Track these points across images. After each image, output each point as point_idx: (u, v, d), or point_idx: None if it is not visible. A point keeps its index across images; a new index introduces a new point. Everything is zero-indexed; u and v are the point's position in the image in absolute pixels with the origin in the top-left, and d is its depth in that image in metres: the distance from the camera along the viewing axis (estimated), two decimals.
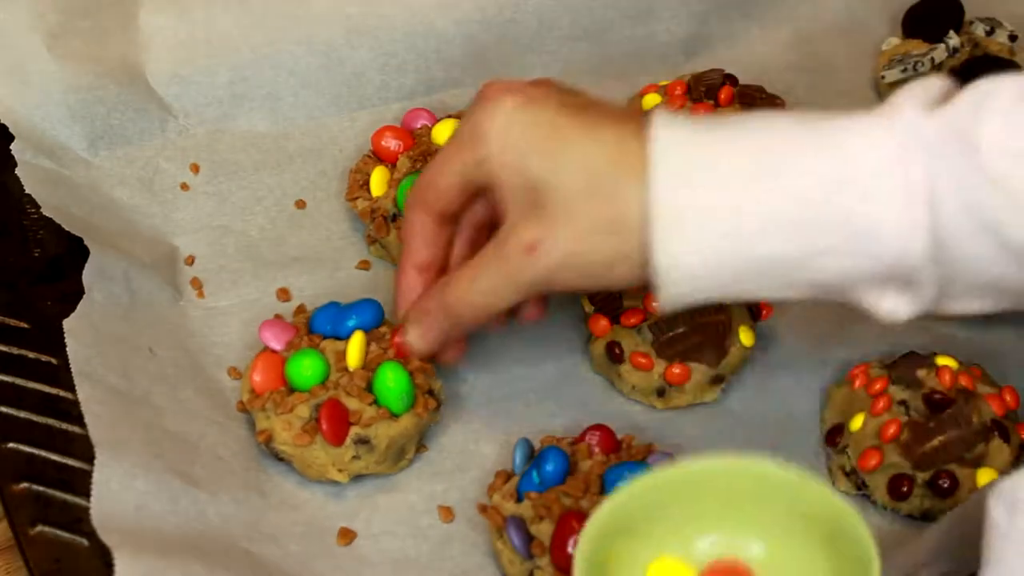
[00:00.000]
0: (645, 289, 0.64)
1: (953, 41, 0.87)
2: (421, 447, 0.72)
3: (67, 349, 0.70)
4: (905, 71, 0.86)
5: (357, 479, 0.70)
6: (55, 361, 0.71)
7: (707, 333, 0.73)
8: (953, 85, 0.61)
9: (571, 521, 0.63)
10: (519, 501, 0.67)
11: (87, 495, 0.64)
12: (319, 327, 0.72)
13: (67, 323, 0.71)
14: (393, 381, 0.69)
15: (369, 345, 0.71)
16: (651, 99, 0.84)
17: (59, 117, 0.81)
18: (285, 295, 0.78)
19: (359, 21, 0.86)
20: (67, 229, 0.75)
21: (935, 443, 0.68)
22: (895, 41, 0.90)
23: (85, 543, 0.65)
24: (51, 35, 0.82)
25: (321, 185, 0.83)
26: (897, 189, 0.59)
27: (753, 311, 0.75)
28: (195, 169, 0.83)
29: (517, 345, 0.76)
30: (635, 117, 0.64)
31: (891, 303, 0.62)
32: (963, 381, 0.71)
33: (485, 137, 0.65)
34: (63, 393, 0.70)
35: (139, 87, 0.83)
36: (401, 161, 0.79)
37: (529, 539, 0.65)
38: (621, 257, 0.63)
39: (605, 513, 0.57)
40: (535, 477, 0.67)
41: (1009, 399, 0.71)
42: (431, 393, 0.71)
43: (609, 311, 0.74)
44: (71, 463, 0.68)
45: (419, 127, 0.81)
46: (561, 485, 0.66)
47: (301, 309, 0.74)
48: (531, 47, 0.88)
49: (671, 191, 0.61)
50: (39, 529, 0.66)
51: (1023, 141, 0.58)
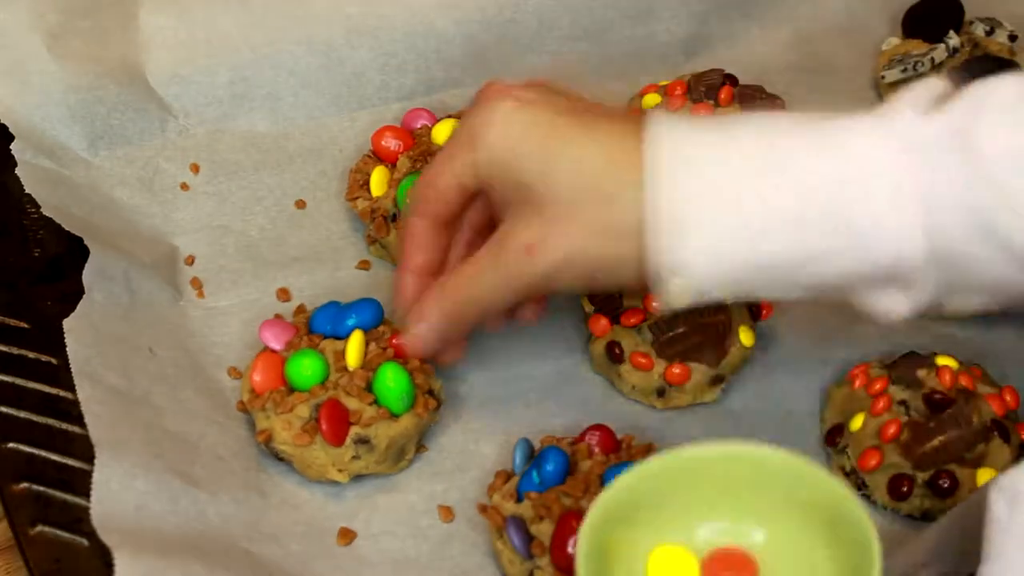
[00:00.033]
0: (645, 289, 0.64)
1: (953, 41, 0.86)
2: (421, 447, 0.72)
3: (67, 349, 0.70)
4: (905, 71, 0.86)
5: (357, 479, 0.70)
6: (55, 361, 0.71)
7: (707, 333, 0.73)
8: (953, 86, 0.61)
9: (571, 521, 0.63)
10: (519, 501, 0.67)
11: (87, 495, 0.64)
12: (319, 327, 0.72)
13: (67, 323, 0.71)
14: (393, 381, 0.69)
15: (369, 345, 0.71)
16: (651, 99, 0.84)
17: (59, 117, 0.81)
18: (285, 295, 0.78)
19: (359, 21, 0.86)
20: (67, 229, 0.75)
21: (935, 443, 0.68)
22: (895, 41, 0.90)
23: (85, 543, 0.65)
24: (51, 35, 0.82)
25: (321, 185, 0.83)
26: (895, 190, 0.59)
27: (753, 311, 0.75)
28: (195, 169, 0.83)
29: (517, 345, 0.76)
30: (634, 118, 0.64)
31: (890, 302, 0.62)
32: (963, 381, 0.71)
33: (483, 138, 0.65)
34: (63, 393, 0.70)
35: (139, 87, 0.83)
36: (401, 161, 0.79)
37: (529, 539, 0.65)
38: (621, 257, 0.63)
39: (606, 502, 0.57)
40: (535, 477, 0.67)
41: (1009, 399, 0.71)
42: (431, 393, 0.71)
43: (609, 311, 0.74)
44: (71, 463, 0.68)
45: (419, 127, 0.82)
46: (561, 485, 0.66)
47: (301, 309, 0.74)
48: (531, 47, 0.88)
49: (670, 191, 0.61)
50: (39, 529, 0.66)
51: (1023, 140, 0.58)
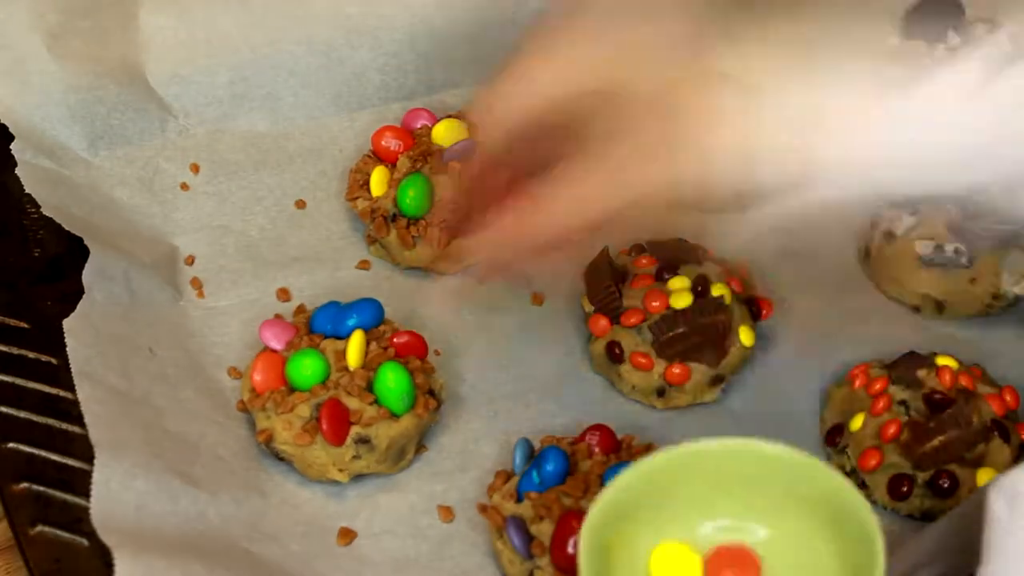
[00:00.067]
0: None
1: (953, 41, 0.86)
2: (421, 447, 0.72)
3: (67, 349, 0.70)
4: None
5: (357, 479, 0.70)
6: (55, 361, 0.71)
7: (707, 333, 0.73)
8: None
9: (571, 521, 0.63)
10: (519, 501, 0.67)
11: (87, 495, 0.64)
12: (319, 327, 0.72)
13: (67, 323, 0.71)
14: (393, 381, 0.69)
15: (369, 345, 0.71)
16: None
17: (59, 117, 0.81)
18: (285, 295, 0.78)
19: (359, 21, 0.86)
20: (67, 229, 0.75)
21: (935, 443, 0.68)
22: (895, 41, 0.90)
23: (85, 543, 0.65)
24: (51, 35, 0.82)
25: (321, 185, 0.83)
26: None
27: (753, 311, 0.75)
28: (195, 169, 0.83)
29: (517, 345, 0.76)
30: None
31: None
32: (963, 381, 0.71)
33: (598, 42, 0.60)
34: (63, 393, 0.70)
35: (139, 87, 0.83)
36: (401, 161, 0.79)
37: (529, 539, 0.65)
38: (755, 158, 0.58)
39: (607, 500, 0.57)
40: (535, 477, 0.67)
41: (1009, 399, 0.71)
42: (431, 393, 0.71)
43: (609, 311, 0.74)
44: (71, 463, 0.68)
45: (419, 127, 0.81)
46: (561, 485, 0.66)
47: (301, 309, 0.74)
48: None
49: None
50: (39, 529, 0.66)
51: None
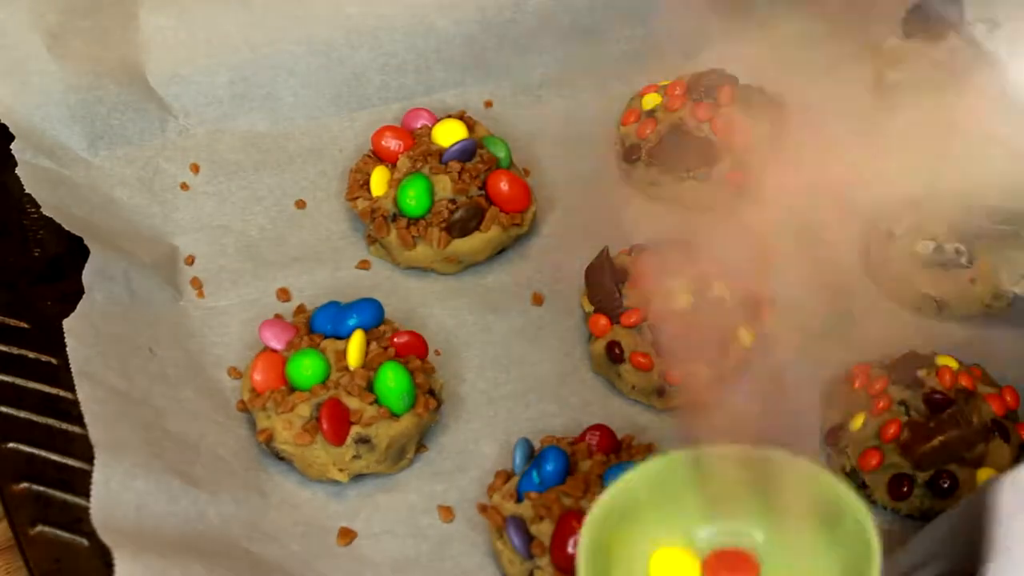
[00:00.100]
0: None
1: (953, 41, 0.86)
2: (421, 447, 0.72)
3: (67, 349, 0.70)
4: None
5: (357, 479, 0.70)
6: (55, 361, 0.71)
7: (707, 333, 0.73)
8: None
9: (571, 521, 0.63)
10: (519, 501, 0.67)
11: (87, 495, 0.64)
12: (319, 327, 0.72)
13: (67, 323, 0.71)
14: (393, 381, 0.69)
15: (369, 344, 0.71)
16: (651, 99, 0.84)
17: (59, 117, 0.81)
18: (285, 295, 0.78)
19: (359, 21, 0.86)
20: (67, 229, 0.75)
21: (935, 443, 0.68)
22: (895, 41, 0.90)
23: (85, 543, 0.65)
24: (51, 35, 0.82)
25: (321, 185, 0.83)
26: None
27: (753, 311, 0.75)
28: (195, 169, 0.83)
29: (517, 345, 0.76)
30: None
31: None
32: (963, 381, 0.71)
33: None
34: (63, 393, 0.70)
35: (139, 87, 0.83)
36: (401, 161, 0.79)
37: (529, 539, 0.65)
38: None
39: (607, 501, 0.57)
40: (535, 477, 0.67)
41: (1009, 399, 0.71)
42: (431, 393, 0.71)
43: (609, 311, 0.74)
44: (71, 463, 0.68)
45: (419, 127, 0.81)
46: (561, 485, 0.66)
47: (301, 309, 0.74)
48: (531, 47, 0.88)
49: None
50: (39, 529, 0.66)
51: None
